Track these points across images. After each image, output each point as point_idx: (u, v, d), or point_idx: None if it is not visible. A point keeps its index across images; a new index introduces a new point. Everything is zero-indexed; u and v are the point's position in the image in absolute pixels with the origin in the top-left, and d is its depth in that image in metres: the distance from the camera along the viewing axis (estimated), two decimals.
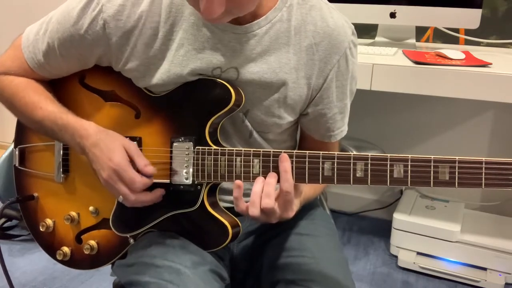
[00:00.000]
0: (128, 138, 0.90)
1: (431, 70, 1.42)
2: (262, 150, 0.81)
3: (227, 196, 0.95)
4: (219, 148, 0.84)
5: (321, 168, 0.79)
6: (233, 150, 0.83)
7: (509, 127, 1.98)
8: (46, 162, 0.99)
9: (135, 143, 0.87)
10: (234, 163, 0.83)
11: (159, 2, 0.84)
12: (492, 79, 1.37)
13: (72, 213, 0.96)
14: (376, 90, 1.48)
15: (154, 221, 0.90)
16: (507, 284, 1.77)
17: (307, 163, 0.79)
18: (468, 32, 1.85)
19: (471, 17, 1.63)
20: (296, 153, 0.80)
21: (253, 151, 0.82)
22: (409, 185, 0.75)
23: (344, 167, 0.78)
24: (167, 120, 0.89)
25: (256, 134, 0.93)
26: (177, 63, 0.86)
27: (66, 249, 0.98)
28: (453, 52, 1.55)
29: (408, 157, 0.74)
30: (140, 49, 0.86)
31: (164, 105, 0.89)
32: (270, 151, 0.81)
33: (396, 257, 1.92)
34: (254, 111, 0.89)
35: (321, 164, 0.79)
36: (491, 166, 0.71)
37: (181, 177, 0.86)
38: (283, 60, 0.86)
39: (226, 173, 0.83)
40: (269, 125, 0.91)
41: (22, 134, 1.02)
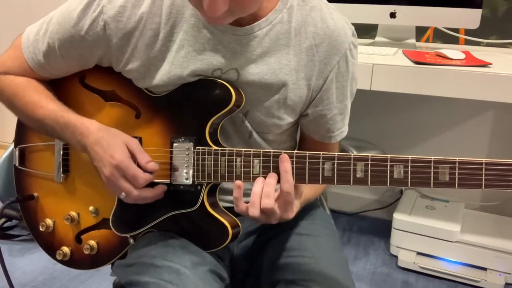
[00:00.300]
0: None
1: (431, 70, 1.42)
2: (262, 150, 0.81)
3: (227, 196, 0.95)
4: (219, 149, 0.84)
5: (321, 169, 0.79)
6: (233, 150, 0.83)
7: (509, 127, 1.98)
8: (46, 162, 0.99)
9: (136, 139, 0.87)
10: (234, 163, 0.83)
11: (159, 3, 0.84)
12: (492, 79, 1.37)
13: (72, 213, 0.96)
14: (376, 90, 1.48)
15: (154, 221, 0.90)
16: (507, 284, 1.77)
17: (307, 164, 0.79)
18: (468, 32, 1.85)
19: (471, 17, 1.63)
20: (296, 153, 0.80)
21: (253, 151, 0.82)
22: (409, 186, 0.75)
23: (344, 168, 0.78)
24: (167, 120, 0.89)
25: (256, 135, 0.93)
26: (177, 64, 0.86)
27: (66, 249, 0.98)
28: (453, 52, 1.55)
29: (408, 157, 0.74)
30: (141, 50, 0.86)
31: (164, 105, 0.89)
32: (270, 152, 0.81)
33: (396, 257, 1.92)
34: (254, 111, 0.89)
35: (321, 164, 0.79)
36: (491, 167, 0.71)
37: (181, 177, 0.86)
38: (283, 61, 0.86)
39: (226, 174, 0.84)
40: (269, 126, 0.91)
41: (22, 134, 1.02)
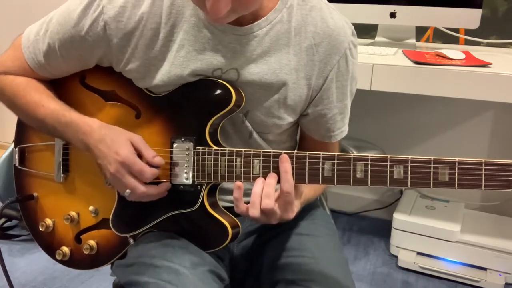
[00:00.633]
0: None
1: (431, 70, 1.42)
2: (262, 150, 0.81)
3: (227, 196, 0.95)
4: (219, 149, 0.84)
5: (321, 169, 0.79)
6: (233, 150, 0.83)
7: (509, 127, 1.98)
8: (46, 162, 0.99)
9: (140, 136, 0.87)
10: (234, 163, 0.83)
11: (159, 3, 0.84)
12: (492, 79, 1.37)
13: (71, 213, 0.96)
14: (376, 90, 1.48)
15: (154, 221, 0.90)
16: (507, 284, 1.77)
17: (307, 164, 0.79)
18: (468, 32, 1.85)
19: (471, 17, 1.63)
20: (296, 153, 0.80)
21: (253, 151, 0.82)
22: (409, 186, 0.75)
23: (344, 168, 0.78)
24: (167, 120, 0.89)
25: (256, 135, 0.93)
26: (177, 64, 0.86)
27: (65, 249, 0.98)
28: (453, 52, 1.55)
29: (408, 158, 0.74)
30: (141, 50, 0.86)
31: (164, 105, 0.89)
32: (270, 152, 0.81)
33: (396, 257, 1.92)
34: (254, 111, 0.89)
35: (321, 165, 0.79)
36: (491, 168, 0.71)
37: (181, 177, 0.86)
38: (283, 61, 0.86)
39: (226, 174, 0.83)
40: (269, 126, 0.91)
41: (22, 134, 1.02)
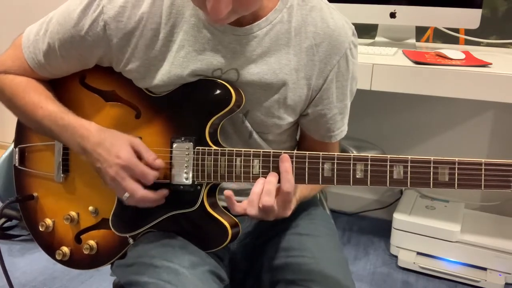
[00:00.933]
0: None
1: (431, 70, 1.42)
2: (262, 150, 0.81)
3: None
4: (219, 149, 0.84)
5: (321, 169, 0.79)
6: (233, 150, 0.83)
7: (509, 127, 1.98)
8: (46, 162, 0.99)
9: (139, 138, 0.87)
10: (234, 163, 0.83)
11: (159, 3, 0.84)
12: (492, 79, 1.37)
13: (71, 213, 0.96)
14: (376, 90, 1.48)
15: (153, 221, 0.90)
16: (507, 284, 1.77)
17: (307, 164, 0.79)
18: (468, 32, 1.85)
19: (471, 17, 1.63)
20: (296, 153, 0.80)
21: (253, 151, 0.82)
22: (408, 186, 0.75)
23: (344, 168, 0.78)
24: (167, 120, 0.89)
25: (255, 135, 0.93)
26: (177, 64, 0.86)
27: (65, 249, 0.98)
28: (453, 52, 1.55)
29: (408, 158, 0.74)
30: (141, 50, 0.86)
31: (164, 106, 0.89)
32: (270, 152, 0.81)
33: (396, 257, 1.92)
34: (254, 111, 0.89)
35: (321, 165, 0.79)
36: (490, 168, 0.71)
37: (181, 177, 0.86)
38: (283, 61, 0.86)
39: (226, 174, 0.83)
40: (269, 126, 0.91)
41: (22, 134, 1.02)
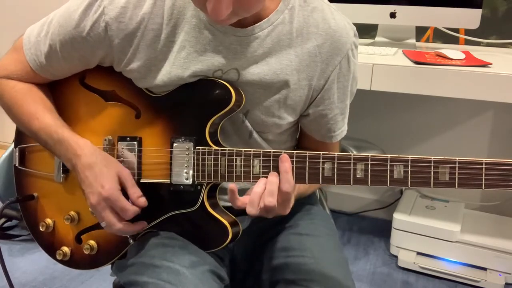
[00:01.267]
0: (128, 138, 0.90)
1: (431, 70, 1.42)
2: (262, 150, 0.81)
3: (227, 196, 0.95)
4: (219, 148, 0.84)
5: (321, 169, 0.79)
6: (233, 150, 0.83)
7: (509, 127, 1.98)
8: (46, 162, 0.99)
9: (128, 171, 0.87)
10: (234, 163, 0.83)
11: (161, 4, 0.84)
12: (492, 79, 1.37)
13: (72, 213, 0.96)
14: (376, 90, 1.48)
15: (154, 221, 0.90)
16: (507, 284, 1.77)
17: (307, 164, 0.79)
18: (468, 32, 1.85)
19: (471, 17, 1.63)
20: (296, 153, 0.80)
21: (253, 151, 0.82)
22: (409, 185, 0.75)
23: (344, 168, 0.78)
24: (167, 120, 0.89)
25: (256, 135, 0.93)
26: (178, 65, 0.86)
27: (66, 249, 0.98)
28: (453, 52, 1.55)
29: (408, 157, 0.74)
30: (142, 50, 0.86)
31: (164, 105, 0.89)
32: (270, 151, 0.81)
33: (396, 257, 1.92)
34: (254, 111, 0.89)
35: (321, 164, 0.79)
36: (491, 167, 0.71)
37: (181, 177, 0.86)
38: (284, 61, 0.86)
39: (226, 173, 0.83)
40: (269, 126, 0.91)
41: (22, 134, 1.02)
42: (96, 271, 1.00)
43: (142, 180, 0.89)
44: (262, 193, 0.78)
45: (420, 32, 1.95)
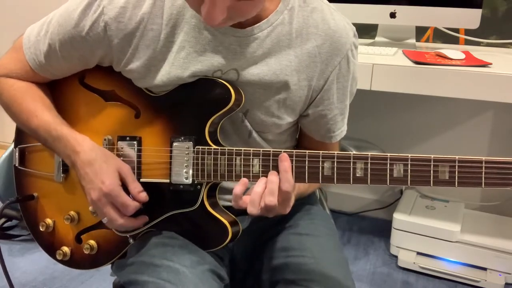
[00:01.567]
0: (128, 138, 0.90)
1: (431, 70, 1.42)
2: (262, 149, 0.81)
3: (227, 196, 0.95)
4: (219, 148, 0.84)
5: (320, 168, 0.79)
6: (233, 149, 0.83)
7: (509, 127, 1.98)
8: (46, 162, 0.99)
9: (128, 166, 0.87)
10: (234, 162, 0.83)
11: (160, 4, 0.84)
12: (492, 79, 1.37)
13: (72, 212, 0.96)
14: (376, 90, 1.48)
15: (154, 220, 0.90)
16: (507, 284, 1.77)
17: (306, 163, 0.79)
18: (468, 32, 1.85)
19: (471, 17, 1.63)
20: (296, 152, 0.80)
21: (253, 150, 0.82)
22: (409, 184, 0.75)
23: (344, 167, 0.78)
24: (167, 119, 0.89)
25: (255, 134, 0.93)
26: (177, 65, 0.86)
27: (66, 249, 0.98)
28: (453, 52, 1.55)
29: (408, 156, 0.74)
30: (142, 51, 0.86)
31: (164, 105, 0.89)
32: (270, 151, 0.81)
33: (396, 257, 1.92)
34: (254, 111, 0.89)
35: (320, 163, 0.79)
36: (491, 166, 0.71)
37: (181, 176, 0.86)
38: (284, 62, 0.86)
39: (226, 173, 0.83)
40: (268, 125, 0.91)
41: (22, 134, 1.02)
42: (96, 271, 1.00)
43: (141, 180, 0.89)
44: (263, 193, 0.78)
45: (420, 32, 1.95)
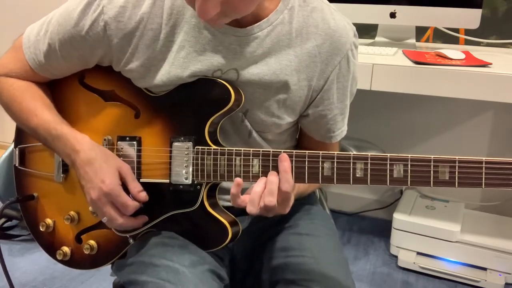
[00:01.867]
0: (128, 138, 0.90)
1: (431, 70, 1.42)
2: (261, 150, 0.81)
3: (227, 196, 0.94)
4: (219, 148, 0.84)
5: (320, 168, 0.79)
6: (232, 150, 0.83)
7: (509, 127, 1.98)
8: (46, 162, 0.99)
9: (128, 166, 0.87)
10: (234, 162, 0.83)
11: (160, 4, 0.84)
12: (492, 79, 1.37)
13: (72, 213, 0.96)
14: (376, 90, 1.48)
15: (154, 221, 0.90)
16: (507, 284, 1.77)
17: (306, 163, 0.79)
18: (468, 32, 1.85)
19: (471, 17, 1.63)
20: (296, 153, 0.80)
21: (252, 150, 0.82)
22: (409, 185, 0.75)
23: (343, 167, 0.77)
24: (167, 119, 0.89)
25: (255, 134, 0.93)
26: (177, 65, 0.86)
27: (66, 249, 0.98)
28: (453, 52, 1.55)
29: (408, 156, 0.74)
30: (141, 50, 0.86)
31: (164, 105, 0.89)
32: (270, 151, 0.81)
33: (396, 257, 1.92)
34: (254, 111, 0.89)
35: (320, 164, 0.79)
36: (491, 166, 0.71)
37: (180, 177, 0.86)
38: (284, 62, 0.86)
39: (226, 173, 0.83)
40: (268, 125, 0.91)
41: (22, 134, 1.02)
42: (96, 271, 1.00)
43: (141, 180, 0.89)
44: (262, 193, 0.78)
45: (420, 32, 1.94)
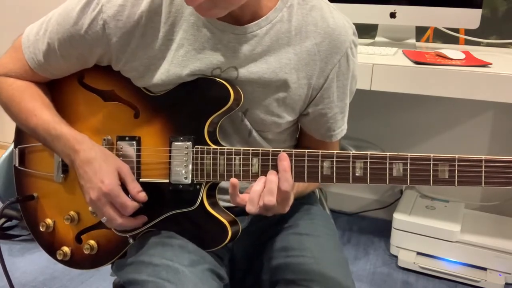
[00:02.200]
0: (127, 138, 0.90)
1: (431, 70, 1.42)
2: (261, 149, 0.81)
3: (226, 196, 0.94)
4: (218, 148, 0.84)
5: (320, 167, 0.79)
6: (232, 149, 0.83)
7: (509, 127, 1.98)
8: (46, 162, 0.99)
9: (128, 166, 0.87)
10: (233, 162, 0.83)
11: (159, 2, 0.84)
12: (492, 79, 1.37)
13: (72, 213, 0.96)
14: (376, 90, 1.48)
15: (153, 220, 0.90)
16: (507, 284, 1.77)
17: (306, 162, 0.79)
18: (468, 32, 1.85)
19: (471, 17, 1.63)
20: (295, 152, 0.80)
21: (252, 150, 0.82)
22: (408, 183, 0.75)
23: (343, 166, 0.77)
24: (166, 119, 0.89)
25: (255, 133, 0.93)
26: (176, 63, 0.86)
27: (66, 249, 0.98)
28: (453, 52, 1.55)
29: (408, 155, 0.74)
30: (140, 49, 0.86)
31: (163, 105, 0.89)
32: (269, 150, 0.81)
33: (396, 257, 1.92)
34: (254, 110, 0.89)
35: (320, 163, 0.78)
36: (491, 164, 0.71)
37: (180, 176, 0.86)
38: (283, 60, 0.86)
39: (225, 173, 0.83)
40: (268, 124, 0.91)
41: (22, 134, 1.02)
42: (96, 271, 1.00)
43: (141, 180, 0.89)
44: (262, 192, 0.78)
45: (420, 32, 1.94)
